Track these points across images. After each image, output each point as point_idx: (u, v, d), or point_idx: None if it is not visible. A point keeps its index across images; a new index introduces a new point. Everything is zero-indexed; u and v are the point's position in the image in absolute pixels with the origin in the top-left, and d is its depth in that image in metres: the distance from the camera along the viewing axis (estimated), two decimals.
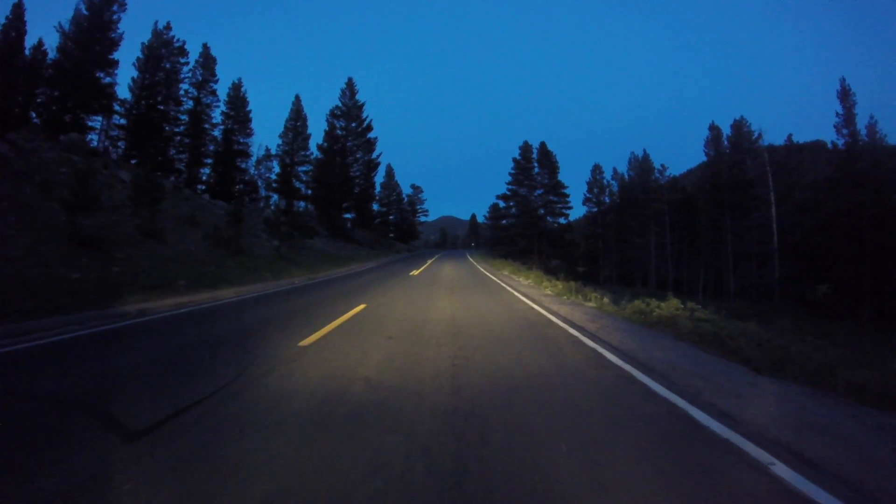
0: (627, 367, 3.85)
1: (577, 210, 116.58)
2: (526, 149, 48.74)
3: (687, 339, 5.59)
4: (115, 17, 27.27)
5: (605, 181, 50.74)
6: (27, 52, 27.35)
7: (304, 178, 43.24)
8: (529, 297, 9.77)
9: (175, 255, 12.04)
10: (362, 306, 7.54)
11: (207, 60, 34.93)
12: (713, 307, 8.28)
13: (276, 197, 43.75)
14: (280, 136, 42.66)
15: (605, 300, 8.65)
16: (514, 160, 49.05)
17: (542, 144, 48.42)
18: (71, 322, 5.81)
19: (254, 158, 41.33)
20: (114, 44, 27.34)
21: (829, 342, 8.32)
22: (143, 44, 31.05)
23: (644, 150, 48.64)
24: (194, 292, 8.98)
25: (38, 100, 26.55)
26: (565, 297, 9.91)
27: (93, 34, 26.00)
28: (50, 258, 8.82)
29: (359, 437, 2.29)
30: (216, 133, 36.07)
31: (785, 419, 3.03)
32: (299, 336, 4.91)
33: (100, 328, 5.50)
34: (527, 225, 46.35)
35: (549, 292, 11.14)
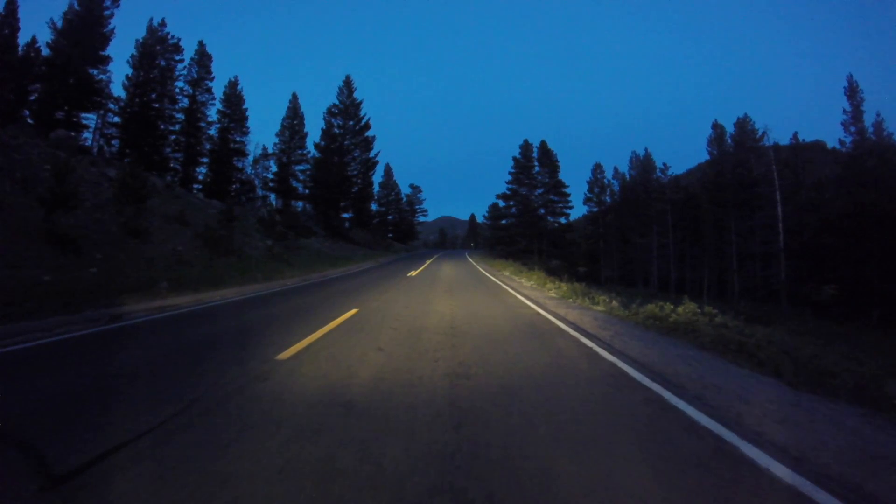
0: (655, 387, 3.31)
1: (578, 210, 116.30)
2: (526, 147, 48.18)
3: (710, 349, 5.07)
4: (107, 12, 26.69)
5: (606, 180, 50.08)
6: (21, 49, 26.80)
7: (302, 178, 42.66)
8: (533, 299, 9.23)
9: (160, 255, 11.48)
10: (354, 311, 6.99)
11: (203, 58, 34.32)
12: (731, 311, 7.75)
13: (273, 196, 43.18)
14: (277, 135, 42.09)
15: (615, 303, 8.11)
16: (515, 159, 48.51)
17: (543, 143, 47.90)
18: (33, 329, 5.29)
19: (251, 157, 40.76)
20: (106, 39, 26.75)
21: (849, 347, 7.83)
22: (137, 41, 30.50)
23: (646, 149, 48.17)
24: (176, 295, 8.43)
25: (32, 97, 25.98)
26: (571, 300, 9.37)
27: (84, 30, 25.41)
28: (22, 259, 8.27)
29: (328, 496, 1.75)
30: (212, 132, 35.51)
31: (846, 452, 2.54)
32: (278, 347, 4.36)
33: (63, 336, 5.00)
34: (527, 225, 45.78)
35: (554, 294, 10.60)
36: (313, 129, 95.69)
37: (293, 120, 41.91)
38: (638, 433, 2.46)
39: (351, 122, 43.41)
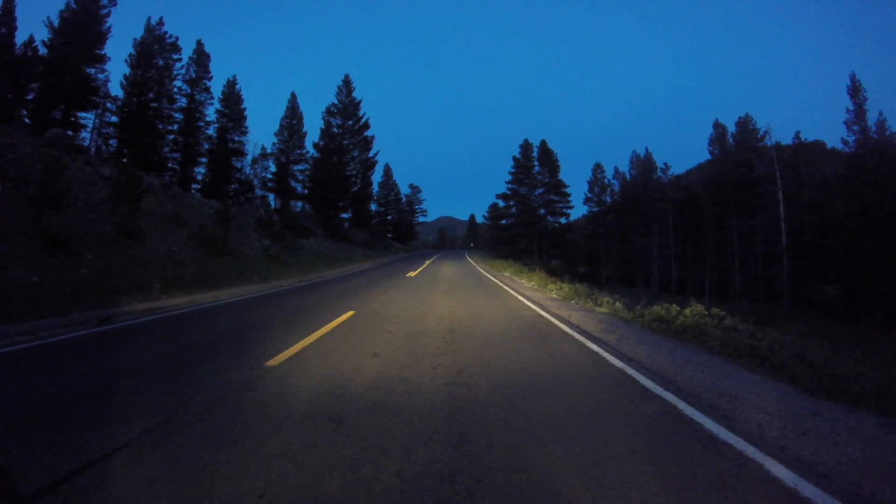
0: (668, 397, 3.11)
1: (578, 210, 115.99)
2: (526, 147, 47.97)
3: (720, 353, 4.87)
4: (103, 10, 26.46)
5: (606, 180, 49.83)
6: (18, 48, 26.55)
7: (301, 178, 42.42)
8: (535, 301, 9.03)
9: (154, 255, 11.27)
10: (351, 313, 6.78)
11: (201, 57, 34.07)
12: (734, 313, 7.55)
13: (272, 196, 42.93)
14: (275, 135, 41.85)
15: (619, 305, 7.90)
16: (515, 159, 48.30)
17: (543, 143, 47.69)
18: (15, 333, 5.09)
19: (249, 157, 40.50)
20: (102, 38, 26.51)
21: (859, 349, 7.63)
22: (135, 40, 30.26)
23: (646, 149, 47.99)
24: (169, 296, 8.23)
25: (29, 96, 25.74)
26: (573, 302, 9.17)
27: (80, 28, 25.17)
28: (10, 259, 8.06)
29: None
30: (210, 131, 35.23)
31: (875, 467, 2.38)
32: (269, 352, 4.15)
33: (46, 340, 4.87)
34: (527, 225, 45.57)
35: (556, 296, 10.40)
36: (312, 129, 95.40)
37: (292, 119, 41.67)
38: (655, 450, 2.25)
39: (350, 122, 43.18)
